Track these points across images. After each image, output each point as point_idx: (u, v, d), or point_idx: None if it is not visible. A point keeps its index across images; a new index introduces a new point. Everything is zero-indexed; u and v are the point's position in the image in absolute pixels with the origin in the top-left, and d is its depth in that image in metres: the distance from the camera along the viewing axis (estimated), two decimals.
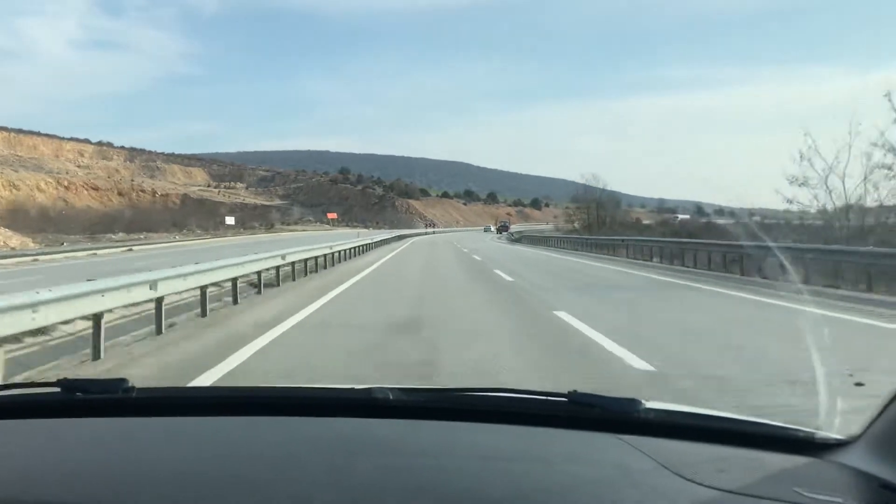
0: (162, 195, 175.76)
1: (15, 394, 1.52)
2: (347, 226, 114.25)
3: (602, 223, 49.79)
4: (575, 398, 1.39)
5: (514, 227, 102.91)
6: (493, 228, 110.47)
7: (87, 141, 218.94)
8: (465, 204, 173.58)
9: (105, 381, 1.48)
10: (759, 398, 4.58)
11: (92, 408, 1.46)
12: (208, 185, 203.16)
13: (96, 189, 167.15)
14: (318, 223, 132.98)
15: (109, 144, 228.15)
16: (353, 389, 1.51)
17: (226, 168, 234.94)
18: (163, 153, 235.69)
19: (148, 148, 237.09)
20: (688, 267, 18.60)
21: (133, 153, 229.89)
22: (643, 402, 1.37)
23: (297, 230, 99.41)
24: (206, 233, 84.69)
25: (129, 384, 1.44)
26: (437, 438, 1.36)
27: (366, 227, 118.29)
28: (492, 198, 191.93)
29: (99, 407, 1.46)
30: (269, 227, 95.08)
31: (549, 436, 1.35)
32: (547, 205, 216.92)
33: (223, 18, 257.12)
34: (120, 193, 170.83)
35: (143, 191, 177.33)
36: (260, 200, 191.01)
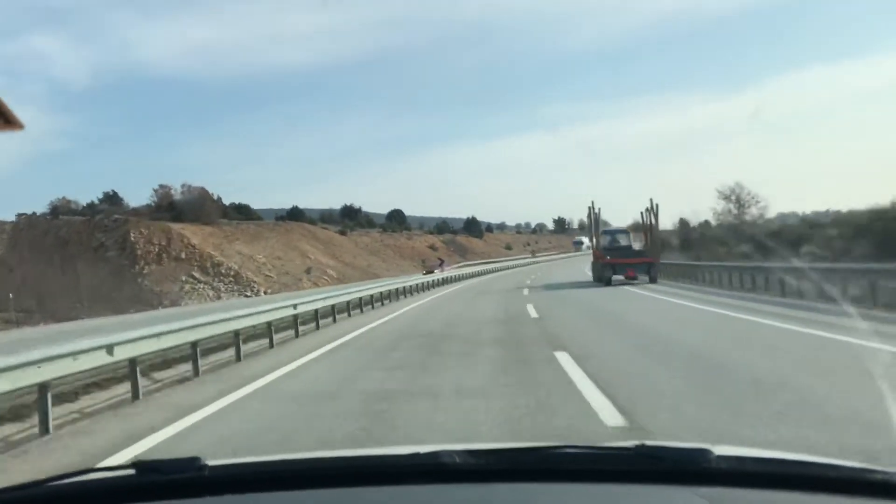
0: None
1: (91, 479, 1.48)
2: None
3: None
4: (643, 450, 1.36)
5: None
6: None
7: None
8: (342, 233, 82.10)
9: (178, 460, 1.46)
10: None
11: (167, 489, 1.43)
12: None
13: None
14: None
15: None
16: (418, 454, 1.47)
17: None
18: None
19: None
20: None
21: None
22: (712, 450, 1.33)
23: None
24: None
25: (203, 462, 1.44)
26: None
27: None
28: (397, 220, 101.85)
29: (175, 487, 1.43)
30: None
31: (625, 493, 1.31)
32: (490, 230, 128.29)
33: (96, 91, 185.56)
34: None
35: None
36: None
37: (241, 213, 72.27)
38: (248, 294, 48.67)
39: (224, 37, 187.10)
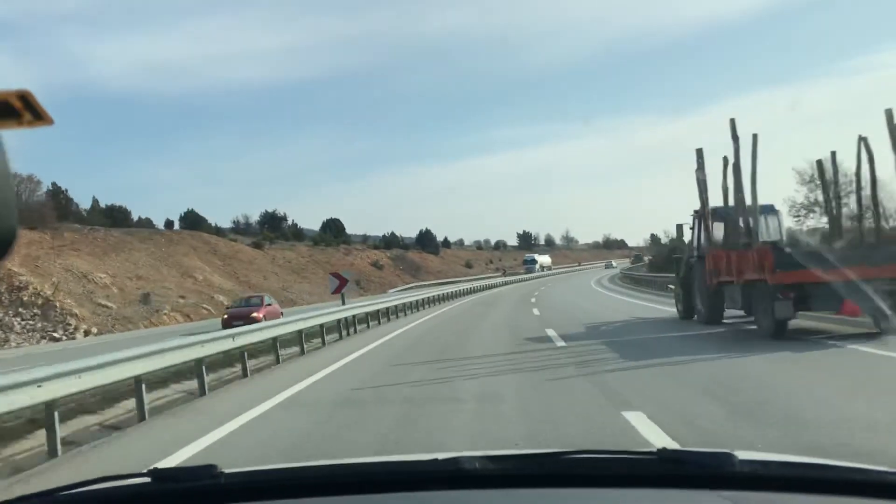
0: None
1: (107, 487, 1.46)
2: None
3: None
4: (665, 455, 1.35)
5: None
6: None
7: None
8: (256, 246, 63.44)
9: (194, 468, 1.46)
10: None
11: (183, 497, 1.43)
12: None
13: None
14: None
15: None
16: (437, 461, 1.45)
17: None
18: None
19: None
20: None
21: None
22: (736, 454, 1.31)
23: None
24: None
25: (219, 469, 1.42)
26: None
27: None
28: (333, 232, 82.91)
29: (190, 495, 1.43)
30: None
31: (648, 498, 1.30)
32: (447, 245, 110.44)
33: (46, 107, 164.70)
34: None
35: None
36: None
37: (112, 217, 53.13)
38: (58, 335, 29.70)
39: (178, 54, 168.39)
